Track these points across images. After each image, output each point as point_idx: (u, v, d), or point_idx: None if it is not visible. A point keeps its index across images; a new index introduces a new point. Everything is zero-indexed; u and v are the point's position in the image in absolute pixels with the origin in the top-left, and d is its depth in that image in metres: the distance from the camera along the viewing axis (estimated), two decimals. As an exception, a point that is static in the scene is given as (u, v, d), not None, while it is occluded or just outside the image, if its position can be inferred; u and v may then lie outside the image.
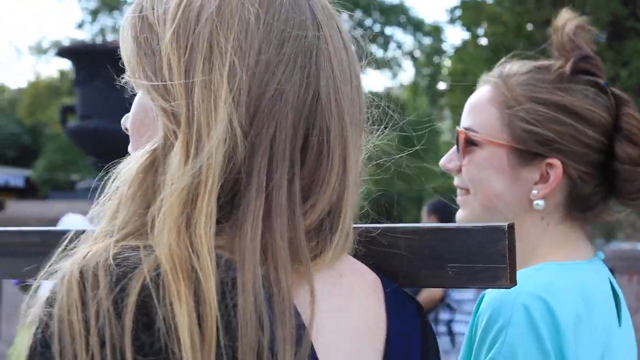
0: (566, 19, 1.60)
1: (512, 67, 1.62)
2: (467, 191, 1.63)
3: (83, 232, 0.94)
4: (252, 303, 0.82)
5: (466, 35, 15.50)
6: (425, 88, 22.85)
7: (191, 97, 0.89)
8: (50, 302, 0.82)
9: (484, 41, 14.71)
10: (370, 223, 1.12)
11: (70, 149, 28.06)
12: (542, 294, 1.41)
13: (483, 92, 1.63)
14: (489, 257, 1.08)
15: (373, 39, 27.13)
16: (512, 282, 1.08)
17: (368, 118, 1.09)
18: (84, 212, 9.78)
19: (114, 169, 0.95)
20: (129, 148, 1.05)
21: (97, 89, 11.00)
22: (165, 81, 0.92)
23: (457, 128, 1.64)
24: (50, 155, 29.88)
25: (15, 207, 11.49)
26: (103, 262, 0.82)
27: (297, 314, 0.88)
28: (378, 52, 27.78)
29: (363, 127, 1.04)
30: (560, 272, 1.49)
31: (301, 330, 0.86)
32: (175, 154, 0.87)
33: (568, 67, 1.58)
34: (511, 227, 1.08)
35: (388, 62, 27.86)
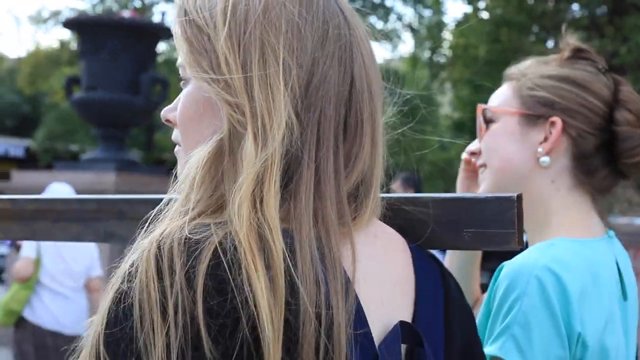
0: (571, 42, 1.83)
1: (525, 62, 1.85)
2: (486, 166, 1.85)
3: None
4: (309, 263, 0.96)
5: (468, 8, 15.58)
6: (425, 61, 22.91)
7: (251, 91, 1.03)
8: (130, 276, 0.94)
9: (485, 15, 14.80)
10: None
11: (70, 118, 28.04)
12: (555, 268, 1.58)
13: (502, 85, 1.86)
14: (501, 223, 1.26)
15: (373, 10, 27.10)
16: (520, 244, 1.26)
17: None
18: (87, 183, 9.95)
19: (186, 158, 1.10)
20: (175, 137, 1.19)
21: (102, 60, 11.06)
22: (225, 77, 1.06)
23: (479, 106, 1.86)
24: (51, 125, 29.89)
25: (20, 177, 11.55)
26: (178, 237, 0.94)
27: (344, 270, 1.01)
28: (378, 24, 27.77)
29: (383, 107, 1.20)
30: (572, 249, 1.65)
31: (348, 283, 1.00)
32: (248, 142, 1.01)
33: (567, 53, 1.80)
34: (519, 197, 1.26)
35: (388, 34, 27.84)
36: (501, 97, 1.84)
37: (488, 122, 1.84)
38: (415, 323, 1.13)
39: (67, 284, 5.83)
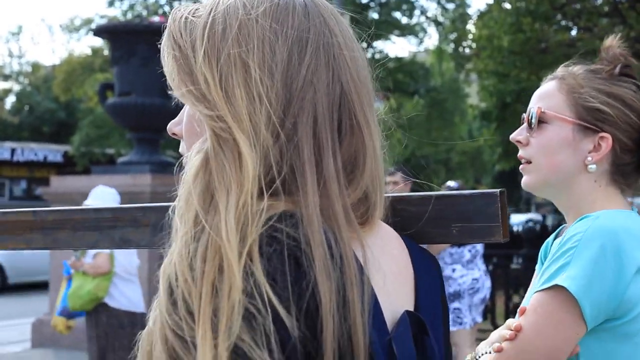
0: (611, 42, 2.07)
1: (574, 67, 2.08)
2: (528, 162, 2.05)
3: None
4: (323, 254, 1.02)
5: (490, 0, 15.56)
6: (451, 53, 22.88)
7: (230, 102, 1.10)
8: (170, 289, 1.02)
9: (507, 5, 14.76)
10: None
11: (105, 123, 28.29)
12: (619, 218, 1.89)
13: (551, 84, 2.08)
14: (485, 217, 1.35)
15: (398, 6, 27.06)
16: (505, 236, 1.34)
17: (395, 85, 1.31)
18: (124, 185, 10.10)
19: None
20: (182, 149, 1.27)
21: (134, 66, 11.24)
22: (204, 93, 1.12)
23: (532, 107, 2.07)
24: (86, 130, 30.21)
25: (59, 182, 11.73)
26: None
27: (357, 259, 1.07)
28: (403, 19, 27.75)
29: (375, 110, 1.25)
30: (624, 212, 1.95)
31: (362, 273, 1.06)
32: (241, 142, 1.08)
33: (617, 70, 2.03)
34: (502, 192, 1.35)
35: (413, 27, 27.80)
36: (554, 101, 2.04)
37: (541, 121, 2.03)
38: (418, 312, 1.21)
39: (133, 272, 7.09)
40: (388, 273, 1.18)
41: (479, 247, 7.17)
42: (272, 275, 0.99)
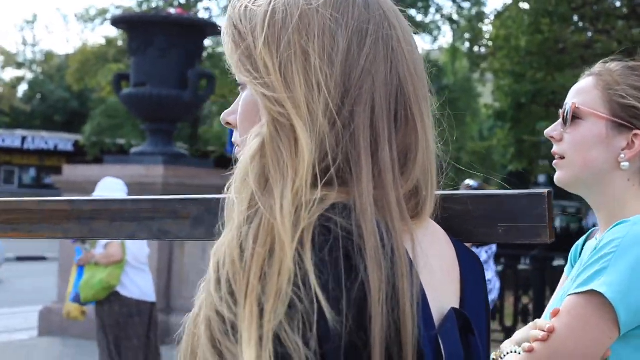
0: None
1: (611, 64, 2.06)
2: (562, 157, 2.04)
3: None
4: (375, 244, 1.01)
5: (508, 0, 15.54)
6: (465, 52, 22.87)
7: (290, 87, 1.11)
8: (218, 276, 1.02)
9: (525, 5, 14.74)
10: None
11: (117, 113, 28.42)
12: None
13: (587, 80, 2.07)
14: (532, 218, 1.34)
15: (413, 4, 27.03)
16: (551, 237, 1.33)
17: None
18: (136, 176, 10.12)
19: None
20: (235, 139, 1.27)
21: (151, 57, 11.28)
22: (263, 77, 1.14)
23: (567, 103, 2.06)
24: (98, 119, 30.30)
25: (71, 171, 11.76)
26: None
27: (407, 252, 1.06)
28: (418, 16, 27.72)
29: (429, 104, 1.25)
30: None
31: (412, 266, 1.05)
32: (299, 129, 1.08)
33: None
34: (549, 193, 1.34)
35: (428, 25, 27.77)
36: (589, 97, 2.03)
37: (575, 117, 2.02)
38: (464, 310, 1.20)
39: (144, 261, 7.16)
40: (436, 269, 1.17)
41: (494, 248, 7.15)
42: (320, 266, 0.99)
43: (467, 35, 22.88)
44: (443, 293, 1.19)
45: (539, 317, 1.99)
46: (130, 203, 1.62)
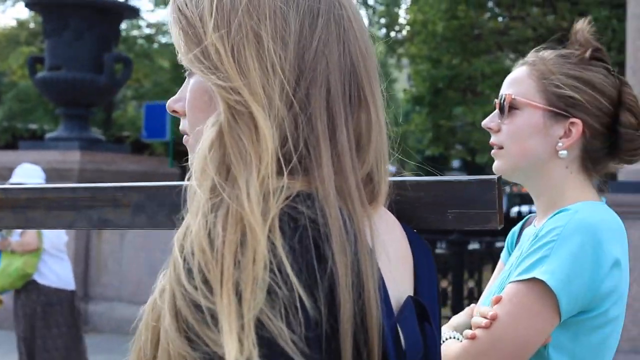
0: (581, 25, 2.08)
1: (544, 52, 2.08)
2: (500, 147, 2.06)
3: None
4: (338, 230, 1.00)
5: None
6: (381, 38, 23.07)
7: (244, 73, 1.08)
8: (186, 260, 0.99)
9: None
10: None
11: (28, 97, 27.80)
12: (599, 225, 1.87)
13: (521, 70, 2.08)
14: (483, 204, 1.34)
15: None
16: (500, 223, 1.34)
17: None
18: (52, 162, 9.94)
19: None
20: (183, 127, 1.23)
21: (66, 40, 11.05)
22: (216, 65, 1.10)
23: (503, 93, 2.08)
24: (9, 104, 29.59)
25: (-16, 157, 11.52)
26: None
27: (367, 241, 1.05)
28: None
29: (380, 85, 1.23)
30: (601, 206, 1.97)
31: (372, 254, 1.04)
32: (259, 117, 1.05)
33: (588, 54, 2.04)
34: (499, 179, 1.34)
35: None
36: (524, 87, 2.05)
37: (511, 108, 2.05)
38: (417, 297, 1.19)
39: (62, 249, 7.08)
40: (392, 256, 1.16)
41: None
42: (292, 254, 0.97)
43: (383, 21, 23.02)
44: (399, 280, 1.18)
45: (458, 300, 2.00)
46: (68, 191, 1.57)
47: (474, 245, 10.82)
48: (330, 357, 0.98)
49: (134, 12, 13.23)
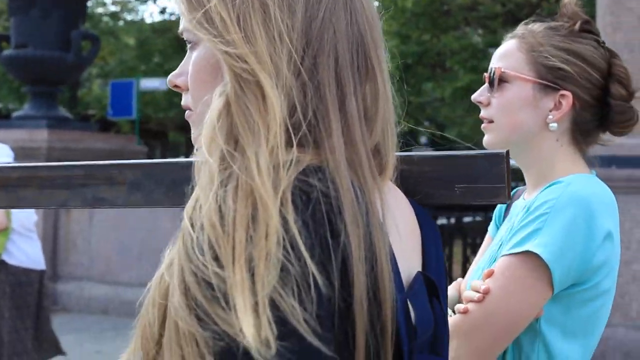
0: (581, 14, 2.06)
1: (533, 25, 2.06)
2: (490, 121, 2.05)
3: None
4: (352, 202, 0.98)
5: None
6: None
7: (251, 41, 1.05)
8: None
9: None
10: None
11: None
12: (592, 198, 1.86)
13: (510, 43, 2.07)
14: (490, 178, 1.32)
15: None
16: (508, 197, 1.32)
17: None
18: (20, 140, 9.83)
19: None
20: (185, 102, 1.19)
21: (33, 17, 10.92)
22: (222, 33, 1.07)
23: (492, 67, 2.06)
24: (-28, 82, 29.24)
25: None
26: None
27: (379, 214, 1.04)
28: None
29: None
30: (593, 179, 1.96)
31: (383, 226, 1.03)
32: (267, 85, 1.02)
33: (577, 26, 2.02)
34: (507, 153, 1.32)
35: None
36: (514, 60, 2.03)
37: (501, 81, 2.03)
38: (425, 271, 1.18)
39: (32, 228, 6.89)
40: (402, 231, 1.14)
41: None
42: (305, 229, 0.94)
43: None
44: (409, 255, 1.16)
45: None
46: (61, 169, 1.53)
47: (442, 221, 10.86)
48: (344, 332, 0.96)
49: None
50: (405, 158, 1.33)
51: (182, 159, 1.39)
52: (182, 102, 1.22)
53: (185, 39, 1.18)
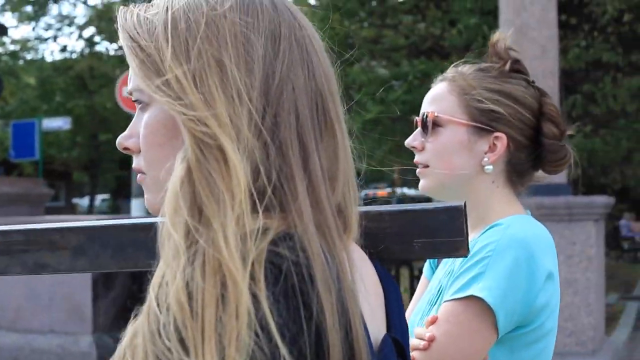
0: (499, 37, 2.06)
1: (463, 67, 2.06)
2: (425, 166, 2.03)
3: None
4: (323, 268, 0.95)
5: (298, -5, 15.74)
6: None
7: (209, 103, 1.00)
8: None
9: (313, 1, 15.01)
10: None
11: None
12: (532, 239, 1.87)
13: (441, 86, 2.06)
14: (450, 232, 1.30)
15: None
16: (468, 251, 1.30)
17: None
18: None
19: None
20: (137, 165, 1.15)
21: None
22: (179, 95, 1.02)
23: (425, 111, 2.04)
24: None
25: None
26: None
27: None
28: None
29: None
30: (529, 220, 1.97)
31: (354, 290, 1.00)
32: (229, 149, 0.98)
33: (507, 67, 2.03)
34: (465, 205, 1.31)
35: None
36: (446, 104, 2.02)
37: (435, 125, 2.02)
38: (391, 332, 1.15)
39: None
40: (367, 292, 1.10)
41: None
42: (276, 305, 0.91)
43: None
44: (376, 315, 1.13)
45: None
46: (-1, 235, 1.46)
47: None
48: None
49: (1, 30, 12.83)
50: (364, 213, 1.30)
51: (126, 220, 1.34)
52: (134, 165, 1.17)
53: (134, 99, 1.14)
